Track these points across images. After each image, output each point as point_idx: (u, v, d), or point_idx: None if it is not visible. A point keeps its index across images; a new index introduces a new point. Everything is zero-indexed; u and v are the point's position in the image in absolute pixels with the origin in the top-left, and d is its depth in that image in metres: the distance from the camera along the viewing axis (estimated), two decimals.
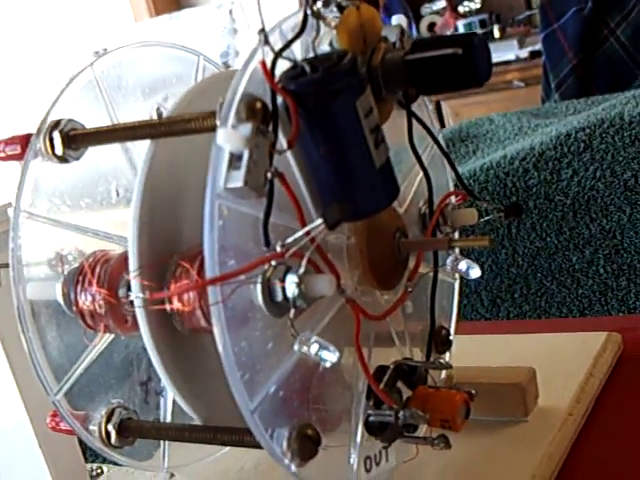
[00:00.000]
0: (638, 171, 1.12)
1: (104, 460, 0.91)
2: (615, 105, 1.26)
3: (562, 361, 0.75)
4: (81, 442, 0.76)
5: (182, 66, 0.67)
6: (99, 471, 0.82)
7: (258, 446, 0.52)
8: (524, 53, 3.24)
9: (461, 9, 3.57)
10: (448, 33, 3.55)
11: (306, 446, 0.50)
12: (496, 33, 3.44)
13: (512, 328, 0.97)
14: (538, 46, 3.03)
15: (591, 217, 1.16)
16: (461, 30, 3.47)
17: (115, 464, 0.76)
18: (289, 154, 0.51)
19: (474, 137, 1.61)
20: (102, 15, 4.05)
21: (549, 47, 2.16)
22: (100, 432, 0.59)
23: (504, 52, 3.22)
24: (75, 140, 0.57)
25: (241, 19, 3.58)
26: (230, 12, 3.55)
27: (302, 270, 0.47)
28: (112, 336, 0.60)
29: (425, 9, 3.61)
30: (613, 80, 2.07)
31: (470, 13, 3.54)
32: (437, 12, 3.58)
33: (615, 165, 1.14)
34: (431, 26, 3.60)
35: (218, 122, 0.48)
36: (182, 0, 4.05)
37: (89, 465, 0.81)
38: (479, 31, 3.45)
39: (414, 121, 0.62)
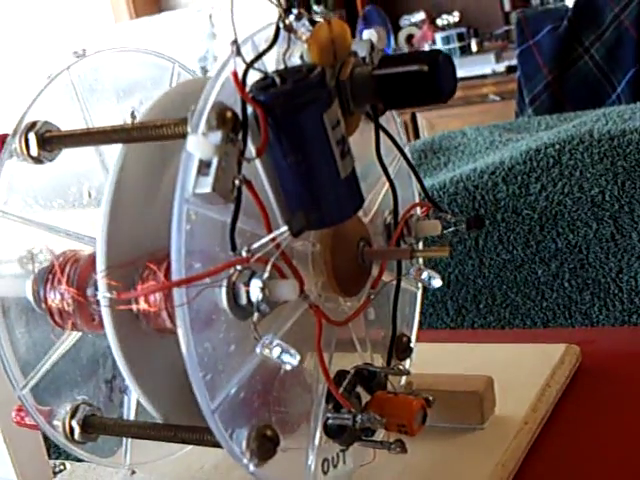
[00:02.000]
0: (605, 187, 1.14)
1: (67, 457, 0.92)
2: (585, 122, 1.29)
3: (520, 371, 0.77)
4: (45, 438, 0.77)
5: (158, 71, 0.68)
6: (62, 467, 0.83)
7: (218, 445, 0.54)
8: (501, 67, 3.27)
9: (439, 22, 3.60)
10: (426, 45, 3.57)
11: (265, 446, 0.52)
12: (474, 47, 3.47)
13: (474, 337, 0.99)
14: (515, 61, 3.06)
15: (558, 231, 1.18)
16: (439, 43, 3.50)
17: (78, 460, 0.77)
18: (257, 162, 0.52)
19: (446, 149, 1.62)
20: (82, 16, 4.05)
21: (524, 63, 2.19)
22: (64, 427, 0.61)
23: (481, 66, 3.25)
24: (50, 142, 0.59)
25: (220, 24, 3.59)
26: (210, 16, 3.56)
27: (266, 275, 0.49)
28: (79, 334, 0.62)
29: (404, 21, 3.64)
30: (586, 97, 2.10)
31: (448, 26, 3.57)
32: (415, 24, 3.60)
33: (583, 181, 1.16)
34: (409, 38, 3.63)
35: (189, 129, 0.49)
36: (162, 3, 4.06)
37: (52, 461, 0.82)
38: (457, 44, 3.48)
39: (382, 134, 0.63)
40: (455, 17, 3.57)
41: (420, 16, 3.60)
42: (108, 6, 4.04)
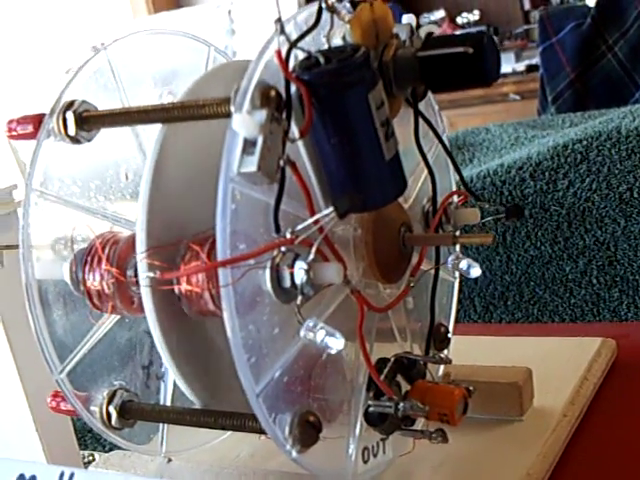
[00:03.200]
0: (633, 184, 1.13)
1: (95, 448, 0.92)
2: (612, 119, 1.27)
3: (557, 364, 0.76)
4: (75, 429, 0.77)
5: (193, 55, 0.67)
6: (91, 458, 0.83)
7: (258, 431, 0.53)
8: (521, 66, 3.26)
9: (459, 20, 3.59)
10: None
11: (307, 432, 0.51)
12: None
13: (507, 331, 0.98)
14: (535, 60, 3.05)
15: (586, 228, 1.17)
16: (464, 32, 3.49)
17: (108, 451, 0.76)
18: (300, 143, 0.51)
19: (470, 145, 1.62)
20: (100, 11, 4.06)
21: (547, 60, 2.17)
22: (101, 413, 0.60)
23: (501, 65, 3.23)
24: (88, 121, 0.58)
25: (239, 20, 3.59)
26: (229, 12, 3.55)
27: (311, 257, 0.48)
28: (117, 318, 0.61)
29: (424, 19, 3.63)
30: (609, 96, 2.08)
31: (468, 24, 3.56)
32: (435, 22, 3.59)
33: (611, 177, 1.15)
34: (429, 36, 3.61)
35: (233, 108, 0.48)
36: None
37: (81, 452, 0.81)
38: None
39: (420, 120, 0.62)
40: (475, 15, 3.56)
41: (440, 14, 3.59)
42: (126, 1, 4.05)
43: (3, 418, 0.73)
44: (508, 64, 3.27)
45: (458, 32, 3.52)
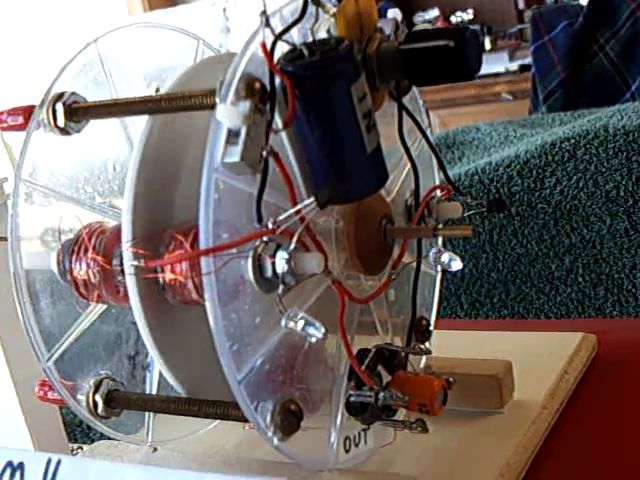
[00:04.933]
0: (620, 183, 1.14)
1: (84, 442, 0.93)
2: (600, 117, 1.28)
3: (538, 358, 0.76)
4: (65, 422, 0.77)
5: (182, 50, 0.68)
6: (79, 450, 0.83)
7: (242, 419, 0.54)
8: (514, 66, 3.27)
9: (453, 19, 3.60)
10: None
11: (289, 420, 0.52)
12: (487, 45, 3.46)
13: (490, 327, 0.99)
14: (528, 60, 3.06)
15: (572, 226, 1.18)
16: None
17: (98, 439, 0.77)
18: (283, 134, 0.52)
19: (460, 144, 1.62)
20: (96, 8, 4.05)
21: (539, 59, 2.18)
22: (88, 402, 0.60)
23: (494, 64, 3.24)
24: (77, 113, 0.59)
25: (234, 18, 3.59)
26: (224, 10, 3.56)
27: (292, 247, 0.49)
28: (103, 307, 0.61)
29: (418, 17, 3.64)
30: (601, 95, 2.09)
31: (462, 23, 3.56)
32: (429, 21, 3.60)
33: (598, 176, 1.16)
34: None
35: (217, 99, 0.49)
36: None
37: (70, 445, 0.82)
38: None
39: (404, 115, 0.63)
40: (469, 14, 3.57)
41: (434, 13, 3.60)
42: None
43: None
44: (501, 64, 3.28)
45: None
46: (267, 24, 0.51)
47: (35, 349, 0.60)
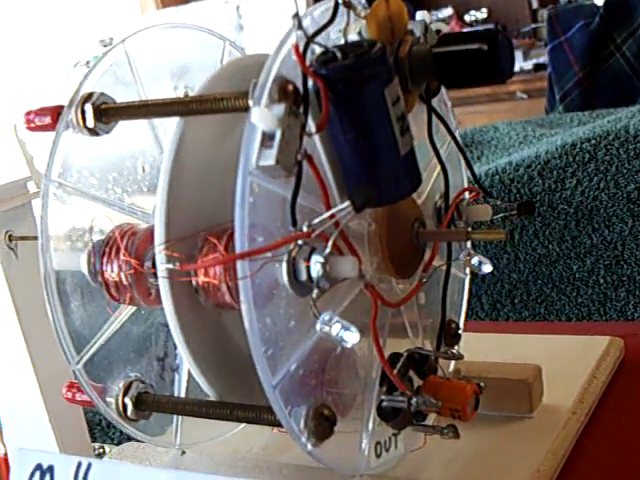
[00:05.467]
0: None
1: (104, 441, 0.92)
2: (621, 118, 1.27)
3: (566, 362, 0.76)
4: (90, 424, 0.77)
5: (207, 50, 0.67)
6: (101, 450, 0.83)
7: (273, 424, 0.54)
8: (528, 65, 3.26)
9: (467, 18, 3.59)
10: None
11: (322, 425, 0.51)
12: None
13: (513, 329, 0.98)
14: (542, 59, 3.05)
15: (593, 227, 1.17)
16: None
17: (118, 443, 0.77)
18: (316, 137, 0.52)
19: (479, 143, 1.62)
20: (108, 5, 4.06)
21: (555, 59, 2.17)
22: (117, 404, 0.60)
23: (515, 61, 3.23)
24: (106, 114, 0.58)
25: (247, 16, 3.59)
26: (237, 8, 3.55)
27: (328, 250, 0.48)
28: (133, 309, 0.61)
29: (432, 16, 3.63)
30: (617, 95, 2.08)
31: (476, 22, 3.56)
32: (443, 20, 3.59)
33: (619, 177, 1.15)
34: (437, 33, 3.61)
35: (251, 102, 0.49)
36: None
37: (92, 444, 0.81)
38: None
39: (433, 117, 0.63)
40: (483, 13, 3.56)
41: (448, 12, 3.59)
42: None
43: (17, 409, 0.74)
44: (516, 63, 3.26)
45: (468, 29, 3.53)
46: (299, 26, 0.51)
47: (65, 352, 0.59)
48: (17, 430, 0.75)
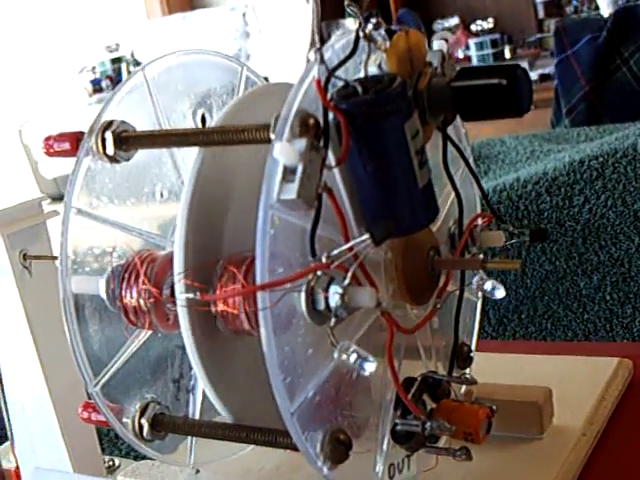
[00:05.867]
0: None
1: (112, 452, 0.93)
2: (628, 135, 1.29)
3: (575, 383, 0.77)
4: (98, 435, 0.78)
5: (224, 75, 0.68)
6: (111, 463, 0.84)
7: (289, 447, 0.55)
8: (534, 75, 3.27)
9: (474, 28, 3.60)
10: (459, 51, 3.57)
11: (338, 450, 0.52)
12: (507, 53, 3.47)
13: (520, 348, 0.99)
14: (548, 69, 3.06)
15: (600, 244, 1.18)
16: (472, 48, 3.50)
17: (126, 454, 0.78)
18: (335, 170, 0.53)
19: (486, 157, 1.63)
20: (115, 11, 4.08)
21: (562, 73, 2.18)
22: (133, 425, 0.61)
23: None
24: (127, 142, 0.59)
25: (253, 23, 3.61)
26: (243, 15, 3.57)
27: (347, 282, 0.49)
28: (149, 333, 0.62)
29: (437, 25, 3.64)
30: (624, 109, 2.09)
31: (482, 32, 3.57)
32: (449, 29, 3.60)
33: (626, 195, 1.17)
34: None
35: (273, 135, 0.50)
36: (196, 0, 4.08)
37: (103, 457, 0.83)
38: (490, 51, 3.48)
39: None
40: (489, 23, 3.57)
41: (454, 21, 3.60)
42: (141, 2, 4.07)
43: (31, 426, 0.75)
44: None
45: (472, 40, 3.53)
46: (322, 60, 0.52)
47: (83, 374, 0.60)
48: (30, 446, 0.76)
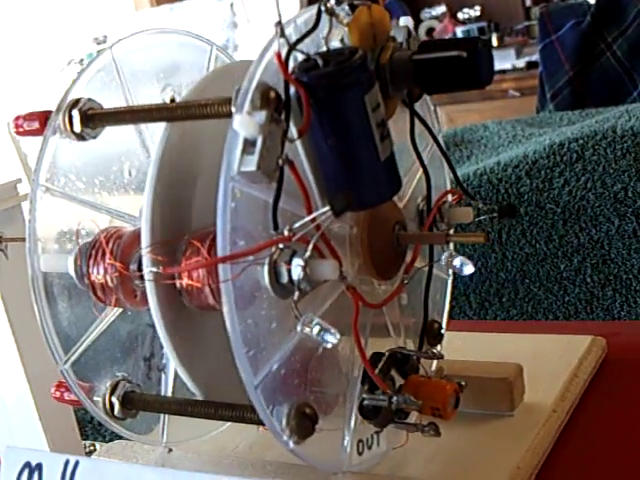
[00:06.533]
0: (628, 184, 1.15)
1: (95, 439, 0.94)
2: (608, 118, 1.29)
3: (548, 361, 0.77)
4: (77, 420, 0.78)
5: (195, 54, 0.68)
6: (92, 448, 0.85)
7: (256, 422, 0.55)
8: (521, 63, 3.27)
9: (460, 16, 3.60)
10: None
11: (304, 424, 0.52)
12: (494, 42, 3.46)
13: (499, 328, 0.99)
14: (535, 57, 3.06)
15: (580, 226, 1.18)
16: (459, 37, 3.50)
17: (109, 440, 0.78)
18: (298, 143, 0.53)
19: (468, 142, 1.63)
20: (102, 3, 4.06)
21: (546, 58, 2.18)
22: (104, 403, 0.61)
23: (501, 61, 3.24)
24: (93, 119, 0.59)
25: (241, 13, 3.60)
26: (231, 5, 3.56)
27: (308, 254, 0.49)
28: (119, 310, 0.62)
29: (425, 14, 3.64)
30: (608, 94, 2.09)
31: (469, 20, 3.57)
32: (437, 17, 3.60)
33: (606, 177, 1.17)
34: (429, 31, 3.62)
35: (234, 109, 0.50)
36: None
37: (82, 442, 0.83)
38: None
39: (415, 120, 0.64)
40: (476, 11, 3.57)
41: (441, 9, 3.60)
42: None
43: (7, 408, 0.75)
44: (508, 60, 3.28)
45: (459, 28, 3.53)
46: (282, 34, 0.52)
47: (53, 352, 0.60)
48: (7, 429, 0.76)
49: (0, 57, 3.74)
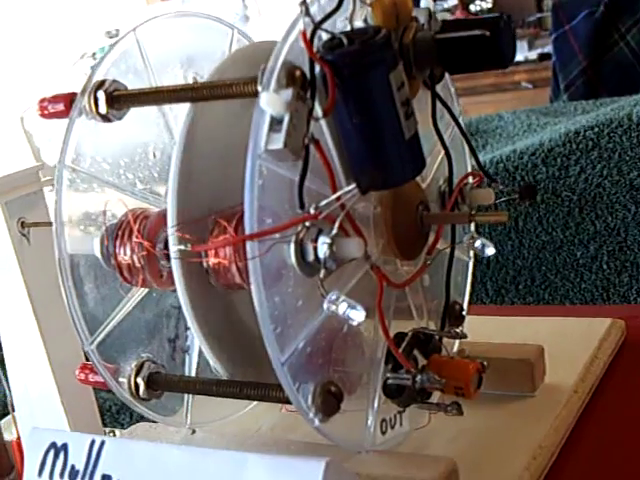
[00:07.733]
0: None
1: (114, 426, 0.94)
2: (624, 106, 1.28)
3: (568, 343, 0.77)
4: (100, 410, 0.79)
5: (216, 38, 0.69)
6: (112, 435, 0.85)
7: (282, 400, 0.55)
8: (533, 55, 3.27)
9: (472, 8, 3.60)
10: None
11: (329, 402, 0.53)
12: None
13: (518, 312, 1.00)
14: (547, 48, 3.05)
15: (597, 214, 1.19)
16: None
17: (128, 424, 0.78)
18: (323, 122, 0.53)
19: (483, 132, 1.63)
20: None
21: (560, 48, 2.18)
22: (129, 384, 0.62)
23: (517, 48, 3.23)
24: (119, 100, 0.60)
25: (253, 6, 3.60)
26: None
27: (334, 232, 0.50)
28: (145, 291, 0.63)
29: (437, 6, 3.63)
30: (621, 84, 2.09)
31: (481, 12, 3.57)
32: (448, 10, 3.60)
33: (622, 164, 1.17)
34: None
35: (260, 87, 0.50)
36: None
37: (103, 429, 0.83)
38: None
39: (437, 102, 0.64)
40: (488, 3, 3.56)
41: (453, 1, 3.60)
42: None
43: (30, 392, 0.75)
44: (520, 52, 3.27)
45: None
46: (307, 13, 0.52)
47: (79, 332, 0.61)
48: (30, 413, 0.77)
49: (13, 51, 3.75)
